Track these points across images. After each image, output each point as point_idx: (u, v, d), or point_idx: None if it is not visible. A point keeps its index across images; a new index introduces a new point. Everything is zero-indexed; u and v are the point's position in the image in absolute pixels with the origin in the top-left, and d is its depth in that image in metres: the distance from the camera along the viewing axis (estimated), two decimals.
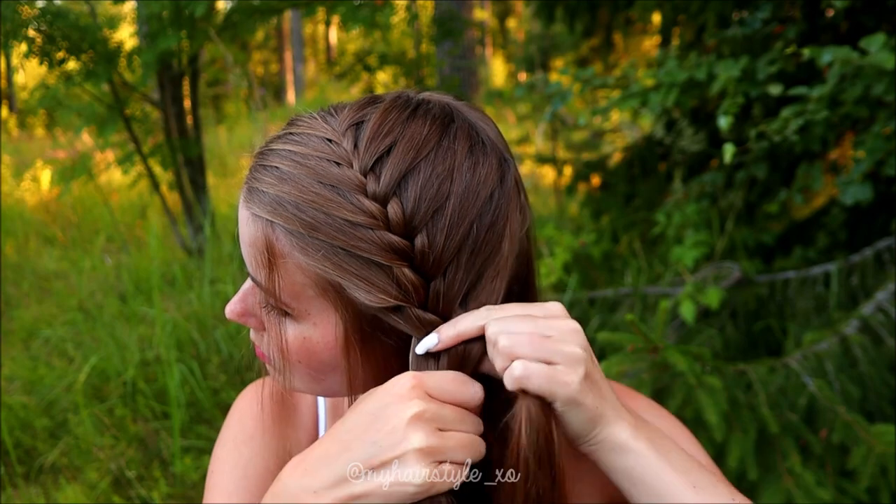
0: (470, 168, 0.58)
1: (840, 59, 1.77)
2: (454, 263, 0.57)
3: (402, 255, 0.56)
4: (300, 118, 0.63)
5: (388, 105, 0.60)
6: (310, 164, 0.57)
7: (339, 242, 0.55)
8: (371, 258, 0.55)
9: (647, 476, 0.57)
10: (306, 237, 0.56)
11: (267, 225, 0.58)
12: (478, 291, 0.59)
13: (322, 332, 0.60)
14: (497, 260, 0.59)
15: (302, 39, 17.31)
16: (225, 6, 4.46)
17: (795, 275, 2.39)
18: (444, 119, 0.60)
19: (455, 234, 0.56)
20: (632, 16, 3.76)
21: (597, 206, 3.57)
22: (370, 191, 0.56)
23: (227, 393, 3.01)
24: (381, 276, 0.56)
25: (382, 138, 0.57)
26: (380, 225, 0.55)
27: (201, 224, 4.37)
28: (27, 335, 3.80)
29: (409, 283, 0.56)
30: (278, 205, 0.57)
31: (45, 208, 6.61)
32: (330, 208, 0.55)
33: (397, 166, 0.56)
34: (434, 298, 0.57)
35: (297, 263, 0.57)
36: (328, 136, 0.58)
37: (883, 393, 1.75)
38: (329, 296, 0.58)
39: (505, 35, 17.41)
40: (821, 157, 2.63)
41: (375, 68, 7.84)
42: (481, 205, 0.57)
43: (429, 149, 0.57)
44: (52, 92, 4.17)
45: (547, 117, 2.80)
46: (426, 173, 0.56)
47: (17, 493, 2.56)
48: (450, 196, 0.56)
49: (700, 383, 1.45)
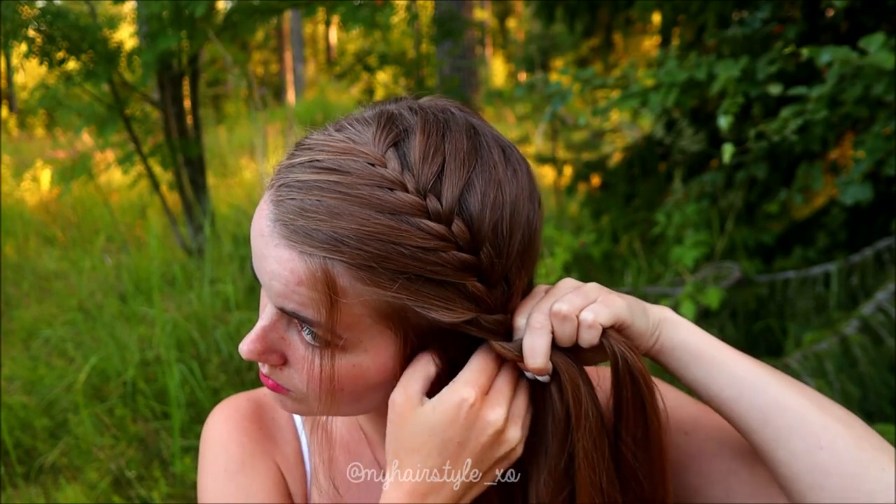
0: (512, 175, 0.59)
1: (839, 59, 1.77)
2: (514, 268, 0.59)
3: (471, 270, 0.57)
4: (315, 141, 0.60)
5: (421, 122, 0.59)
6: (361, 193, 0.55)
7: (412, 269, 0.55)
8: (443, 279, 0.56)
9: (698, 344, 0.62)
10: (377, 269, 0.54)
11: (324, 262, 0.55)
12: (528, 288, 0.63)
13: (374, 356, 0.60)
14: (536, 257, 0.63)
15: (302, 39, 17.31)
16: (225, 6, 4.46)
17: (795, 275, 2.39)
18: (469, 130, 0.60)
19: (514, 241, 0.58)
20: (632, 16, 3.76)
21: (597, 206, 3.57)
22: (433, 212, 0.55)
23: (227, 393, 3.01)
24: (455, 293, 0.57)
25: (433, 157, 0.56)
26: (450, 246, 0.55)
27: (201, 224, 4.37)
28: (27, 335, 3.80)
29: (481, 293, 0.57)
30: (337, 242, 0.54)
31: (45, 208, 6.61)
32: (398, 237, 0.54)
33: (455, 185, 0.56)
34: (501, 300, 0.60)
35: (358, 295, 0.56)
36: (369, 160, 0.56)
37: (883, 393, 1.75)
38: (389, 320, 0.58)
39: (505, 35, 17.42)
40: (821, 157, 2.63)
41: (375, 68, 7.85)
42: (527, 208, 0.59)
43: (473, 162, 0.58)
44: (52, 92, 4.17)
45: (547, 117, 2.80)
46: (480, 187, 0.57)
47: (17, 493, 2.56)
48: (504, 205, 0.57)
49: None
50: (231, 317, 3.49)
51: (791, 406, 0.58)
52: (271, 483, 0.73)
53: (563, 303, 0.60)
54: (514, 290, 0.60)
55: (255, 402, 0.78)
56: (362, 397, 0.62)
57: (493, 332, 0.59)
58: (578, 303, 0.60)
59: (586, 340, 0.60)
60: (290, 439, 0.78)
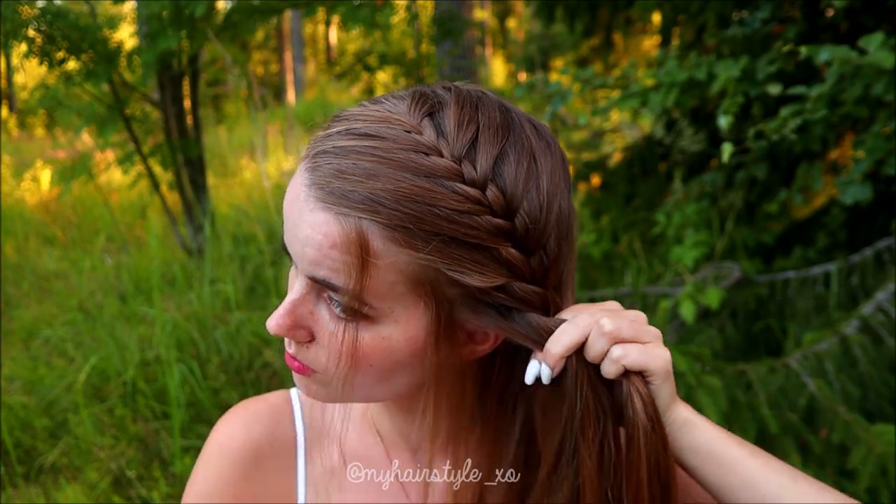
0: (545, 149, 0.61)
1: (838, 59, 1.77)
2: (552, 239, 0.59)
3: (506, 236, 0.57)
4: (350, 112, 0.61)
5: (455, 96, 0.61)
6: (398, 156, 0.56)
7: (446, 231, 0.55)
8: (477, 242, 0.56)
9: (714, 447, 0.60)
10: (411, 231, 0.55)
11: (359, 223, 0.56)
12: (568, 267, 0.63)
13: (404, 327, 0.59)
14: (575, 239, 0.63)
15: (302, 39, 17.31)
16: (225, 6, 4.46)
17: (795, 275, 2.39)
18: (501, 107, 0.62)
19: (549, 211, 0.58)
20: (632, 16, 3.76)
21: (597, 206, 3.57)
22: (468, 177, 0.56)
23: (227, 393, 3.01)
24: (488, 257, 0.57)
25: (467, 126, 0.58)
26: (484, 210, 0.56)
27: (201, 224, 4.37)
28: (27, 335, 3.80)
29: (515, 261, 0.57)
30: (374, 202, 0.55)
31: (45, 208, 6.62)
32: (433, 199, 0.55)
33: (490, 151, 0.57)
34: (539, 272, 0.59)
35: (392, 260, 0.56)
36: (405, 127, 0.58)
37: (883, 393, 1.75)
38: (421, 288, 0.58)
39: (505, 35, 17.42)
40: (821, 157, 2.63)
41: (375, 68, 7.85)
42: (561, 182, 0.60)
43: (507, 134, 0.59)
44: (52, 92, 4.17)
45: (547, 117, 2.80)
46: (514, 156, 0.58)
47: (17, 493, 2.56)
48: (539, 175, 0.59)
49: (700, 383, 1.45)
50: (231, 317, 3.49)
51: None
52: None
53: (611, 321, 0.59)
54: (553, 263, 0.60)
55: (257, 426, 0.76)
56: (390, 376, 0.62)
57: (527, 302, 0.59)
58: (626, 332, 0.59)
59: (604, 369, 0.59)
60: (286, 467, 0.76)
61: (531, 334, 0.60)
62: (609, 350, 0.59)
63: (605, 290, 2.80)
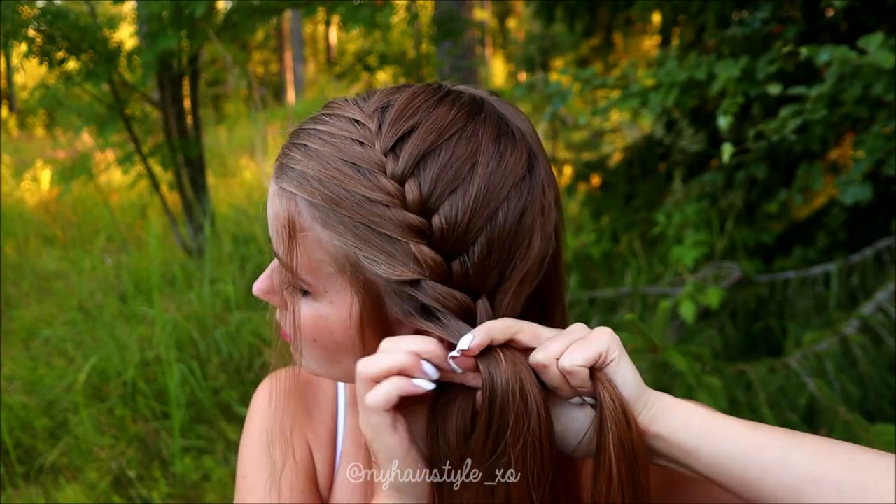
0: (496, 154, 0.59)
1: (838, 59, 1.77)
2: (478, 245, 0.58)
3: (418, 233, 0.57)
4: (335, 101, 0.65)
5: (416, 90, 0.62)
6: (336, 142, 0.59)
7: (359, 217, 0.57)
8: (389, 234, 0.57)
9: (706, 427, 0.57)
10: (328, 210, 0.58)
11: (291, 198, 0.60)
12: (510, 281, 0.60)
13: (339, 310, 0.61)
14: (528, 254, 0.60)
15: (302, 39, 17.31)
16: (225, 6, 4.46)
17: (795, 275, 2.39)
18: (473, 107, 0.61)
19: (477, 217, 0.57)
20: (632, 16, 3.76)
21: (597, 206, 3.57)
22: (389, 170, 0.58)
23: (227, 393, 3.01)
24: (401, 250, 0.57)
25: (406, 120, 0.59)
26: (396, 203, 0.57)
27: (201, 224, 4.37)
28: (27, 335, 3.80)
29: (428, 259, 0.57)
30: (303, 179, 0.59)
31: (45, 208, 6.61)
32: (350, 185, 0.58)
33: (417, 147, 0.58)
34: (461, 277, 0.58)
35: (317, 237, 0.59)
36: (356, 117, 0.61)
37: (883, 393, 1.75)
38: (346, 273, 0.60)
39: (505, 35, 17.41)
40: (821, 157, 2.63)
41: (375, 68, 7.84)
42: (508, 191, 0.59)
43: (452, 132, 0.59)
44: (52, 92, 4.17)
45: (547, 117, 2.80)
46: (446, 155, 0.58)
47: (17, 493, 2.56)
48: (472, 178, 0.58)
49: (700, 383, 1.45)
50: (231, 317, 3.49)
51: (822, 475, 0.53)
52: (301, 460, 0.77)
53: (539, 351, 0.58)
54: (479, 270, 0.58)
55: (300, 378, 0.81)
56: (337, 357, 0.64)
57: (443, 304, 0.58)
58: (556, 348, 0.58)
59: (579, 389, 0.58)
60: (327, 419, 0.80)
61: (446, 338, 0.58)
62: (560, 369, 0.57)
63: (605, 290, 2.80)
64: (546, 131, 5.67)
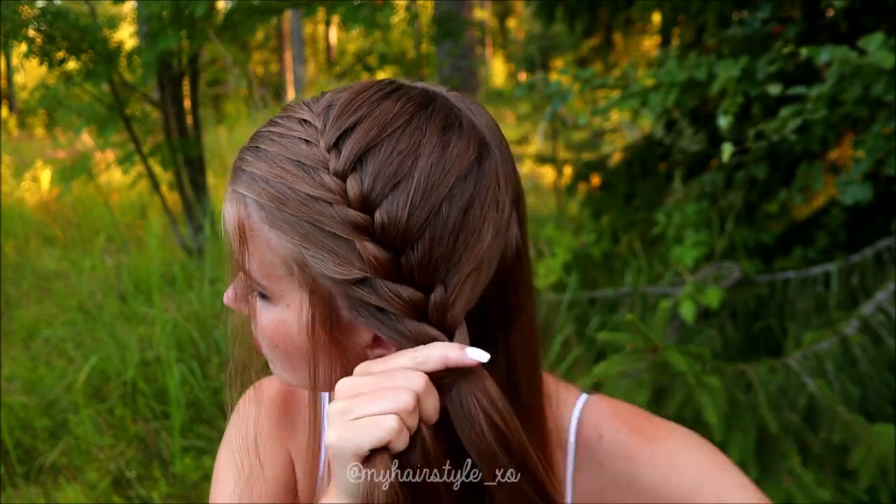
0: (438, 147, 0.58)
1: (838, 59, 1.77)
2: (423, 239, 0.56)
3: (361, 230, 0.56)
4: (290, 104, 0.64)
5: (363, 86, 0.61)
6: (283, 142, 0.59)
7: (303, 216, 0.57)
8: (334, 232, 0.56)
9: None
10: (274, 210, 0.58)
11: (241, 200, 0.60)
12: (458, 275, 0.58)
13: (296, 314, 0.60)
14: (477, 247, 0.58)
15: (302, 39, 17.31)
16: (225, 6, 4.46)
17: (795, 275, 2.39)
18: (422, 101, 0.60)
19: (419, 211, 0.56)
20: (632, 16, 3.76)
21: (597, 206, 3.57)
22: (332, 167, 0.57)
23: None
24: (346, 248, 0.56)
25: (349, 116, 0.58)
26: (338, 200, 0.56)
27: (201, 224, 4.37)
28: (27, 335, 3.80)
29: (372, 257, 0.56)
30: (252, 180, 0.59)
31: (45, 208, 6.61)
32: (293, 183, 0.57)
33: (358, 142, 0.57)
34: (408, 272, 0.57)
35: (265, 238, 0.59)
36: (304, 117, 0.60)
37: (883, 393, 1.75)
38: (295, 275, 0.59)
39: (505, 35, 17.42)
40: (821, 157, 2.63)
41: (375, 68, 7.85)
42: (452, 184, 0.57)
43: (395, 127, 0.58)
44: (52, 92, 4.17)
45: (547, 117, 2.80)
46: (387, 150, 0.57)
47: (17, 493, 2.56)
48: (412, 172, 0.56)
49: (700, 383, 1.45)
50: None
51: None
52: (277, 470, 0.76)
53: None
54: (426, 265, 0.57)
55: (288, 386, 0.79)
56: (296, 364, 0.63)
57: (393, 302, 0.57)
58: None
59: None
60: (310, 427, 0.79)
61: (400, 340, 0.57)
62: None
63: (605, 290, 2.80)
64: (546, 131, 5.67)
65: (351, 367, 0.60)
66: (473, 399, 0.57)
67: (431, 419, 0.56)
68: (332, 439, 0.54)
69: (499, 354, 0.63)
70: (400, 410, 0.54)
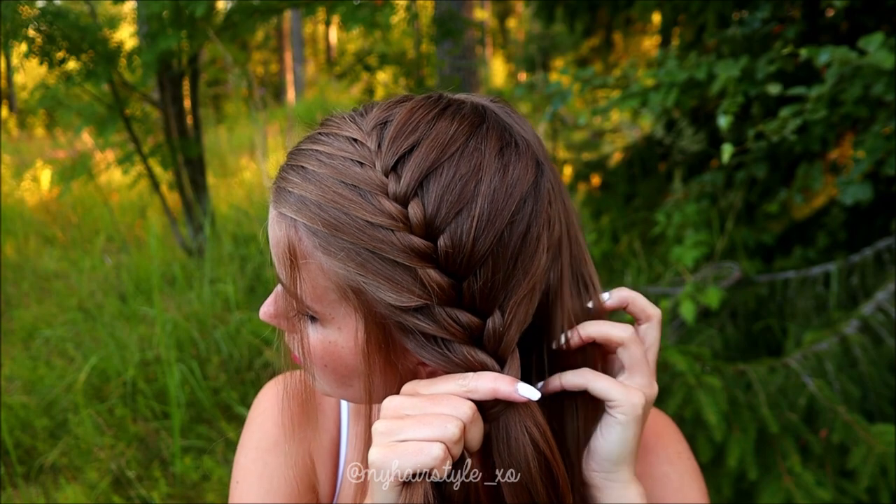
0: (500, 169, 0.57)
1: (838, 59, 1.77)
2: (486, 265, 0.55)
3: (424, 257, 0.55)
4: (332, 118, 0.62)
5: (415, 104, 0.59)
6: (334, 163, 0.57)
7: (361, 243, 0.55)
8: (395, 259, 0.55)
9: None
10: (329, 237, 0.56)
11: (291, 224, 0.57)
12: (515, 297, 0.57)
13: (347, 336, 0.59)
14: (532, 269, 0.58)
15: (302, 39, 17.30)
16: (225, 6, 4.46)
17: (795, 275, 2.39)
18: (475, 119, 0.59)
19: (485, 236, 0.55)
20: (632, 16, 3.75)
21: (597, 206, 3.57)
22: (391, 191, 0.55)
23: (227, 393, 3.01)
24: (406, 276, 0.55)
25: (406, 137, 0.56)
26: (400, 227, 0.54)
27: (201, 224, 4.37)
28: (27, 335, 3.80)
29: (435, 284, 0.55)
30: (302, 204, 0.56)
31: (45, 208, 6.61)
32: (351, 209, 0.55)
33: (419, 166, 0.55)
34: (469, 298, 0.56)
35: (319, 265, 0.57)
36: (354, 135, 0.58)
37: (883, 393, 1.75)
38: (350, 300, 0.57)
39: (505, 35, 17.41)
40: (821, 157, 2.63)
41: (375, 68, 7.85)
42: (514, 207, 0.56)
43: (454, 148, 0.56)
44: (52, 92, 4.17)
45: (547, 117, 2.80)
46: (449, 173, 0.55)
47: (17, 493, 2.56)
48: (476, 197, 0.55)
49: (700, 383, 1.45)
50: (231, 317, 3.49)
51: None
52: (299, 469, 0.75)
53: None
54: (490, 293, 0.56)
55: (307, 384, 0.79)
56: (346, 381, 0.62)
57: (451, 329, 0.56)
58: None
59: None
60: (331, 428, 0.78)
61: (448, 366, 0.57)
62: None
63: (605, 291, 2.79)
64: (546, 131, 5.67)
65: (402, 383, 0.60)
66: (522, 429, 0.56)
67: (475, 448, 0.56)
68: (375, 457, 0.54)
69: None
70: (446, 439, 0.53)
